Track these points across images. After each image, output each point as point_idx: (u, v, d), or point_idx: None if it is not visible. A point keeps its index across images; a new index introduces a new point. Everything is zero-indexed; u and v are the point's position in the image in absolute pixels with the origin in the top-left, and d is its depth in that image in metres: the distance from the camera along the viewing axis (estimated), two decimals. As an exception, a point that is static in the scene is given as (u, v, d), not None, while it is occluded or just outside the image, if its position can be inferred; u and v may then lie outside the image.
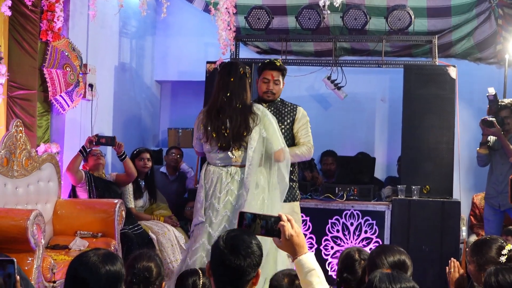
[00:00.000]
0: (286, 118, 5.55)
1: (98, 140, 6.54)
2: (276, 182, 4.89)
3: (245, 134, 4.80)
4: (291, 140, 5.49)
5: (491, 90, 7.06)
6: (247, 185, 4.75)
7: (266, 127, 4.84)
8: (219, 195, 4.83)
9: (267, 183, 4.85)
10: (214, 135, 4.87)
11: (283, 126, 5.47)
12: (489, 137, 7.07)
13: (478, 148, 7.21)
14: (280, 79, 5.54)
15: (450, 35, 8.37)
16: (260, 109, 4.90)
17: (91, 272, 2.64)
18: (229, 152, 4.86)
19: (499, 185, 6.85)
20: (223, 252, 2.59)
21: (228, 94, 4.87)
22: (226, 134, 4.83)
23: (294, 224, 2.63)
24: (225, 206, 4.79)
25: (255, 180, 4.79)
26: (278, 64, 5.55)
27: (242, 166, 4.84)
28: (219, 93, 4.92)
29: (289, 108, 5.58)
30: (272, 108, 5.52)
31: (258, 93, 5.64)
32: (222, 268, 2.60)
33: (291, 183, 5.39)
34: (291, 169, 5.46)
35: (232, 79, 4.91)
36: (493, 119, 6.88)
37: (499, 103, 7.03)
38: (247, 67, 5.05)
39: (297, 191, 5.61)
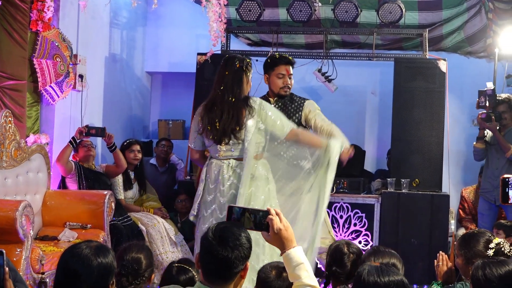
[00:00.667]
0: (292, 114, 5.58)
1: (88, 131, 6.53)
2: (296, 170, 5.01)
3: (237, 128, 4.82)
4: None
5: (489, 85, 7.09)
6: (242, 177, 4.79)
7: (263, 119, 4.86)
8: (222, 188, 4.87)
9: (271, 173, 4.95)
10: (209, 128, 4.89)
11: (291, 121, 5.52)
12: (486, 132, 7.10)
13: (474, 143, 7.24)
14: (292, 72, 5.66)
15: (440, 28, 8.39)
16: (256, 102, 4.90)
17: (83, 264, 2.64)
18: (218, 146, 4.89)
19: (495, 179, 6.89)
20: (211, 243, 2.59)
21: (222, 88, 4.89)
22: (217, 128, 4.86)
23: (283, 218, 2.63)
24: (230, 200, 4.81)
25: (250, 172, 4.82)
26: (291, 58, 5.65)
27: (243, 159, 4.89)
28: (215, 87, 4.97)
29: (296, 104, 5.62)
30: (280, 104, 5.54)
31: (270, 88, 5.69)
32: (210, 259, 2.60)
33: None
34: None
35: (226, 73, 4.93)
36: (491, 113, 6.91)
37: (497, 97, 7.06)
38: (247, 60, 5.05)
39: None
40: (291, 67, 5.66)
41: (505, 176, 3.59)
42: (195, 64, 7.77)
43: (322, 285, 3.65)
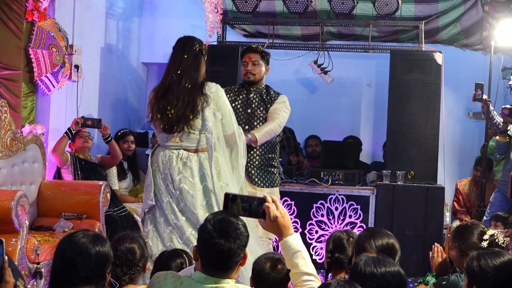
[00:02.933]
0: (268, 106, 5.59)
1: (84, 122, 6.52)
2: (237, 166, 4.80)
3: (191, 116, 4.56)
4: None
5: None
6: (208, 170, 4.57)
7: (221, 109, 4.65)
8: (173, 179, 4.64)
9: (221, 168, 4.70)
10: (159, 116, 4.61)
11: (262, 114, 5.52)
12: (509, 126, 7.11)
13: (497, 137, 7.25)
14: (260, 61, 5.62)
15: (437, 20, 8.39)
16: (212, 89, 4.63)
17: (81, 253, 2.65)
18: (168, 134, 4.65)
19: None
20: (212, 236, 2.58)
21: (179, 72, 4.62)
22: (170, 116, 4.57)
23: (279, 205, 2.63)
24: (183, 193, 4.61)
25: (215, 164, 4.60)
26: (254, 46, 5.70)
27: (196, 151, 4.65)
28: (170, 70, 4.68)
29: (270, 97, 5.61)
30: (257, 95, 5.53)
31: (241, 77, 5.75)
32: (213, 251, 2.59)
33: (271, 169, 5.42)
34: (272, 155, 5.50)
35: (185, 56, 4.67)
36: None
37: None
38: (204, 43, 4.83)
39: (278, 177, 5.62)
40: (255, 54, 5.65)
41: None
42: (191, 55, 7.75)
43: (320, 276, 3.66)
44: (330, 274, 3.72)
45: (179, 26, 9.05)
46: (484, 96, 7.11)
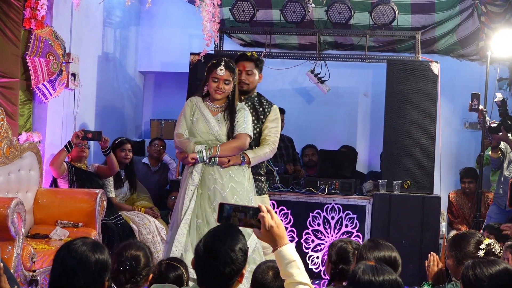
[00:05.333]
0: (261, 117, 5.48)
1: (85, 135, 6.51)
2: None
3: None
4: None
5: (499, 95, 7.13)
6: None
7: None
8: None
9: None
10: None
11: (258, 125, 5.43)
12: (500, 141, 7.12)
13: (490, 152, 7.26)
14: (254, 70, 5.44)
15: (433, 31, 8.42)
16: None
17: (80, 260, 2.64)
18: None
19: (507, 185, 6.91)
20: (202, 257, 2.59)
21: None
22: None
23: (274, 215, 2.63)
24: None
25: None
26: (249, 54, 5.50)
27: None
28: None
29: (263, 107, 5.51)
30: (249, 104, 5.47)
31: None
32: (203, 271, 2.60)
33: (258, 177, 5.40)
34: (259, 164, 5.47)
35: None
36: (497, 124, 6.93)
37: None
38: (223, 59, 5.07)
39: (265, 185, 5.57)
40: (250, 63, 5.43)
41: None
42: (188, 64, 7.78)
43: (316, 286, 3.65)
44: (332, 284, 3.71)
45: (177, 35, 9.09)
46: (481, 107, 7.13)
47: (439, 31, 8.45)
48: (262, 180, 5.50)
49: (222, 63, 5.01)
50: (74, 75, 7.02)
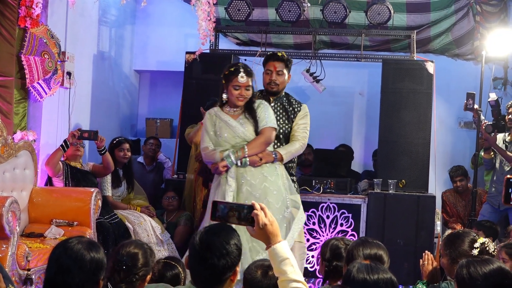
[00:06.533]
0: (291, 116, 5.47)
1: (81, 134, 6.50)
2: None
3: None
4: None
5: (493, 96, 7.15)
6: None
7: None
8: None
9: None
10: None
11: (289, 124, 5.42)
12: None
13: (483, 154, 7.28)
14: (284, 70, 5.44)
15: (428, 30, 8.43)
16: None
17: (76, 259, 2.64)
18: None
19: (501, 184, 6.92)
20: (198, 251, 2.58)
21: None
22: None
23: (268, 212, 2.63)
24: None
25: None
26: (280, 54, 5.47)
27: None
28: None
29: (293, 107, 5.49)
30: (278, 104, 5.46)
31: (263, 85, 5.56)
32: (198, 265, 2.59)
33: (290, 177, 5.40)
34: (291, 164, 5.48)
35: None
36: (494, 124, 6.96)
37: (507, 105, 7.13)
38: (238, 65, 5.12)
39: (296, 184, 5.57)
40: (280, 64, 5.42)
41: (509, 176, 3.58)
42: (183, 63, 7.78)
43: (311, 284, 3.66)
44: (327, 282, 3.72)
45: (172, 34, 9.08)
46: (475, 106, 7.14)
47: (434, 30, 8.47)
48: (294, 180, 5.51)
49: (242, 70, 5.03)
50: (69, 73, 7.01)
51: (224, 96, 5.13)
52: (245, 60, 7.71)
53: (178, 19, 9.02)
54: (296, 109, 5.48)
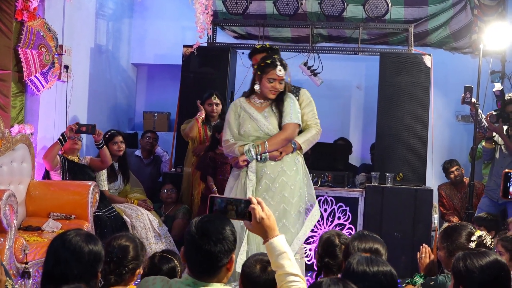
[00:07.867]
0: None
1: (79, 128, 6.50)
2: None
3: None
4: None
5: (498, 86, 7.14)
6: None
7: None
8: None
9: None
10: None
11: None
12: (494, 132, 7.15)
13: (484, 143, 7.28)
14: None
15: (426, 23, 8.43)
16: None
17: (74, 251, 2.65)
18: None
19: (500, 178, 6.91)
20: (194, 238, 2.58)
21: None
22: None
23: (265, 206, 2.64)
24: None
25: None
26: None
27: None
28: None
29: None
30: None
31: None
32: (194, 253, 2.59)
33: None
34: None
35: None
36: (499, 114, 6.95)
37: (506, 97, 7.12)
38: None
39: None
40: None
41: (507, 170, 3.59)
42: (181, 56, 7.77)
43: (309, 277, 3.66)
44: (320, 277, 3.72)
45: (170, 27, 9.07)
46: (473, 99, 7.14)
47: (432, 24, 8.46)
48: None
49: (278, 63, 5.00)
50: (66, 67, 7.00)
51: (257, 87, 5.07)
52: (243, 53, 7.69)
53: (175, 12, 9.00)
54: (295, 94, 5.44)
